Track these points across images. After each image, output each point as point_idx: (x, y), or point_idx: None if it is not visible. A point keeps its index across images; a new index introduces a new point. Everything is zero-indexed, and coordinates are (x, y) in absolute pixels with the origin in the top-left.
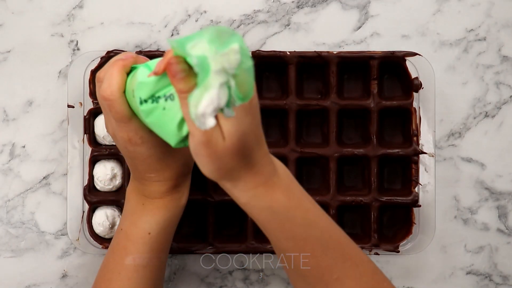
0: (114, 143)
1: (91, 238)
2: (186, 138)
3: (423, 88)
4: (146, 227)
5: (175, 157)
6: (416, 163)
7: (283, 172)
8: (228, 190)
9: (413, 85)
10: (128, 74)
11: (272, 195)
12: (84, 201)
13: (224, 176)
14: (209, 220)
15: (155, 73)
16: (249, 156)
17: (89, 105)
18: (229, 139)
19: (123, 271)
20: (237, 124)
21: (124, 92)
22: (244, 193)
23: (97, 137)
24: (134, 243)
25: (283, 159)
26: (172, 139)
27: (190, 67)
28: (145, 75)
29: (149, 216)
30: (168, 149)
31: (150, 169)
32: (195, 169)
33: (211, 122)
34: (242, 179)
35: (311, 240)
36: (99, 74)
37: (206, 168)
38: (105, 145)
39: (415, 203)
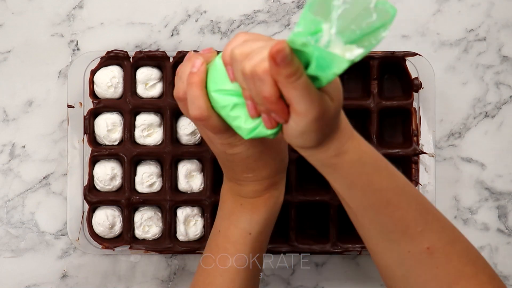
0: (114, 143)
1: (91, 238)
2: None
3: (423, 88)
4: (247, 227)
5: (272, 155)
6: (416, 163)
7: None
8: (319, 154)
9: (413, 85)
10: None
11: (360, 146)
12: (84, 201)
13: (324, 140)
14: (209, 220)
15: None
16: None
17: (89, 105)
18: (337, 98)
19: (225, 274)
20: (338, 80)
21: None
22: (337, 150)
23: (97, 137)
24: (235, 244)
25: None
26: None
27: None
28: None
29: (249, 215)
30: (265, 148)
31: (247, 169)
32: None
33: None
34: (336, 136)
35: (397, 191)
36: (178, 71)
37: (312, 141)
38: (105, 145)
39: None
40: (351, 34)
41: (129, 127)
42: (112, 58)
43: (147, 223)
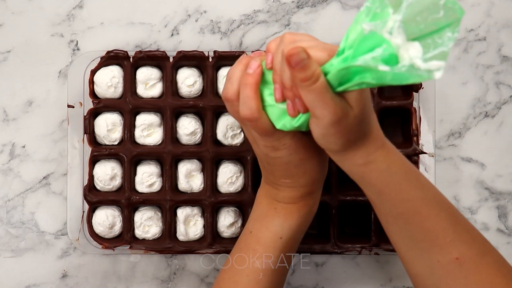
0: (114, 143)
1: (91, 238)
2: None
3: (423, 88)
4: (278, 231)
5: (312, 164)
6: (416, 163)
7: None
8: (347, 160)
9: (413, 85)
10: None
11: (390, 156)
12: (84, 201)
13: (349, 146)
14: (209, 220)
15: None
16: (369, 120)
17: (89, 105)
18: (357, 106)
19: (252, 274)
20: (361, 89)
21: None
22: (365, 158)
23: (97, 137)
24: (265, 246)
25: None
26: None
27: (307, 55)
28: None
29: (282, 220)
30: (307, 156)
31: (286, 175)
32: None
33: (440, 69)
34: (364, 145)
35: (427, 201)
36: (229, 73)
37: (335, 145)
38: (105, 145)
39: None
40: (415, 28)
41: (129, 127)
42: (112, 58)
43: (147, 223)
